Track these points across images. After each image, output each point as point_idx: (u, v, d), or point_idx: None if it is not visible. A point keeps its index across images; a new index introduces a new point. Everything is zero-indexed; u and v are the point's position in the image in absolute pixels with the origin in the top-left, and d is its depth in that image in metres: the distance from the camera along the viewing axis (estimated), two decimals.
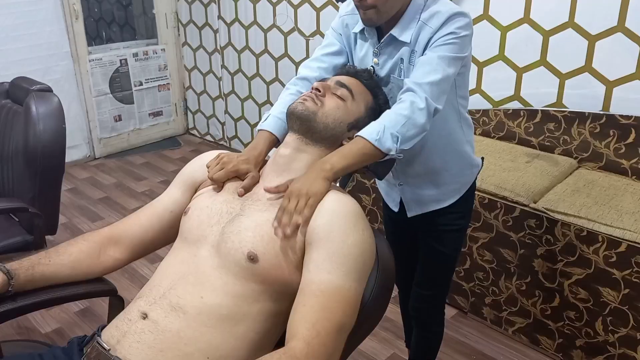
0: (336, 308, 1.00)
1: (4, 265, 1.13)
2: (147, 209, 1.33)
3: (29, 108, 1.93)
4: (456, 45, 1.28)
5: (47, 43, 3.72)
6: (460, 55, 1.30)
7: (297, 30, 3.50)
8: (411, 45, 1.33)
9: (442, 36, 1.28)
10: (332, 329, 0.98)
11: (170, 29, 4.39)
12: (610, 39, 2.22)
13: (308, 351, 0.94)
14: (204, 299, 1.07)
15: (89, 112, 4.07)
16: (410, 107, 1.24)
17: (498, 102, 2.65)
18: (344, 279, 1.03)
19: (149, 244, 1.30)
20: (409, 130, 1.23)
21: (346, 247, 1.06)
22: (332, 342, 0.98)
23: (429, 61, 1.27)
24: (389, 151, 1.21)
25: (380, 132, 1.21)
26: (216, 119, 4.43)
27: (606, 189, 2.10)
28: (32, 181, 1.95)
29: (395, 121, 1.22)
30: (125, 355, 1.03)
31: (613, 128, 2.23)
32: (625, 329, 1.89)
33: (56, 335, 2.26)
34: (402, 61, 1.36)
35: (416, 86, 1.26)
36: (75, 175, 3.88)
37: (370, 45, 1.41)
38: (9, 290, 1.12)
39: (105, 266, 1.27)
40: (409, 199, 1.58)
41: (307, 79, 1.46)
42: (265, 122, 1.39)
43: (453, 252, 1.63)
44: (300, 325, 0.98)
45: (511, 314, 2.21)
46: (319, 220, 1.08)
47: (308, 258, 1.06)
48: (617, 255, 1.85)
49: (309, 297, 1.01)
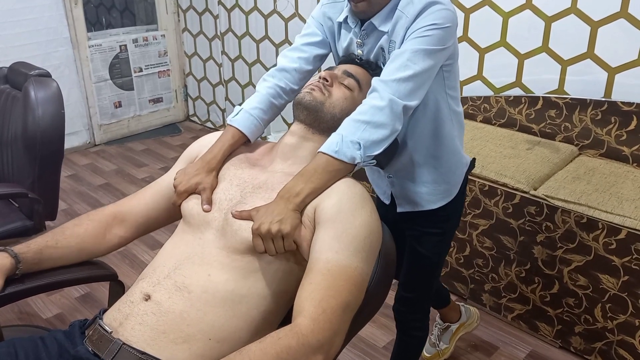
0: (342, 287, 1.01)
1: (11, 249, 1.15)
2: (152, 187, 1.34)
3: (28, 93, 1.93)
4: (434, 37, 1.21)
5: (46, 29, 3.70)
6: (440, 47, 1.23)
7: (297, 16, 3.48)
8: (389, 35, 1.29)
9: (420, 27, 1.21)
10: (338, 307, 0.99)
11: (170, 14, 4.37)
12: (613, 25, 2.21)
13: (314, 328, 0.95)
14: (211, 277, 1.08)
15: (88, 98, 4.06)
16: (368, 111, 1.18)
17: (499, 88, 2.64)
18: (351, 258, 1.04)
19: (153, 222, 1.31)
20: (372, 134, 1.17)
21: (354, 227, 1.06)
22: (338, 320, 0.99)
23: (401, 55, 1.21)
24: (353, 160, 1.14)
25: (339, 142, 1.14)
26: (217, 106, 4.41)
27: (607, 176, 2.10)
28: (32, 166, 1.95)
29: (355, 127, 1.16)
30: (127, 338, 1.03)
31: (614, 115, 2.23)
32: (624, 315, 1.89)
33: (57, 321, 2.28)
34: (383, 50, 1.32)
35: (382, 84, 1.20)
36: (75, 162, 3.88)
37: (353, 35, 1.36)
38: (16, 273, 1.15)
39: (111, 245, 1.29)
40: (398, 194, 1.53)
41: (286, 70, 1.41)
42: (235, 118, 1.34)
43: (434, 256, 1.57)
44: (306, 302, 0.99)
45: (510, 301, 2.22)
46: (327, 202, 1.09)
47: (316, 237, 1.07)
48: (616, 242, 1.85)
49: (315, 275, 1.02)
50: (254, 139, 1.36)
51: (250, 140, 1.34)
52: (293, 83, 1.42)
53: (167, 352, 1.02)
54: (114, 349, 1.02)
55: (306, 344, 0.93)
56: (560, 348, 2.12)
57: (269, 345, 0.93)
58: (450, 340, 2.07)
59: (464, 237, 2.27)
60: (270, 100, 1.39)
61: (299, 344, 0.93)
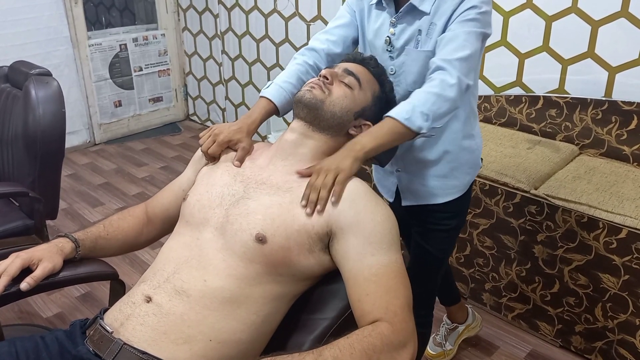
0: (396, 285, 1.04)
1: (72, 234, 1.23)
2: (168, 189, 1.37)
3: (29, 92, 1.92)
4: (482, 21, 1.28)
5: (46, 27, 3.70)
6: (485, 31, 1.30)
7: (298, 15, 3.48)
8: (430, 16, 1.32)
9: (465, 10, 1.27)
10: (404, 304, 1.03)
11: (170, 13, 4.36)
12: (614, 24, 2.21)
13: (394, 329, 0.98)
14: (207, 282, 1.07)
15: (88, 97, 4.05)
16: (440, 85, 1.24)
17: (500, 88, 2.64)
18: (388, 254, 1.06)
19: (173, 221, 1.31)
20: (441, 108, 1.23)
21: (378, 224, 1.07)
22: (409, 315, 1.03)
23: (456, 37, 1.27)
24: (419, 130, 1.22)
25: (409, 111, 1.21)
26: (217, 105, 4.41)
27: (607, 175, 2.10)
28: (32, 165, 1.95)
29: (425, 100, 1.23)
30: (128, 338, 1.03)
31: (615, 114, 2.22)
32: (624, 314, 1.89)
33: (57, 320, 2.27)
34: (420, 32, 1.34)
35: (446, 63, 1.25)
36: (75, 161, 3.88)
37: (387, 15, 1.40)
38: (75, 257, 1.22)
39: (146, 240, 1.36)
40: (405, 187, 1.55)
41: (315, 50, 1.47)
42: (267, 90, 1.39)
43: (439, 252, 1.58)
44: (376, 312, 1.01)
45: (511, 300, 2.22)
46: (340, 206, 1.09)
47: (346, 245, 1.07)
48: (617, 242, 1.85)
49: (367, 285, 1.03)
50: (283, 112, 1.41)
51: (279, 112, 1.39)
52: (321, 63, 1.48)
53: (167, 352, 1.02)
54: (115, 349, 1.02)
55: (390, 344, 0.97)
56: (561, 347, 2.12)
57: (355, 341, 0.95)
58: (455, 342, 2.08)
59: (464, 237, 2.27)
60: (299, 76, 1.44)
61: (383, 343, 0.96)
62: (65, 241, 1.22)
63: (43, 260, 1.15)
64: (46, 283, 1.17)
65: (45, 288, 1.19)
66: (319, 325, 1.11)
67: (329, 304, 1.13)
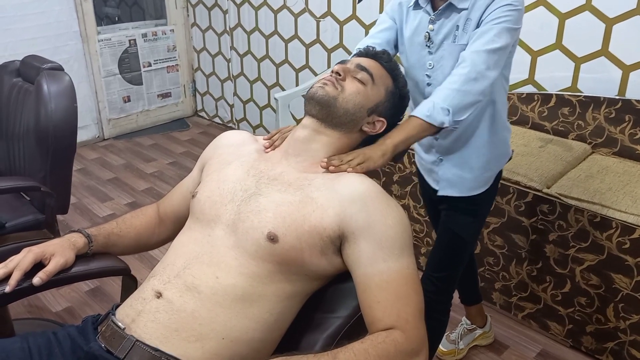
0: (407, 291, 1.03)
1: (85, 230, 1.24)
2: (177, 190, 1.38)
3: (41, 87, 1.92)
4: (513, 17, 1.35)
5: (55, 22, 3.70)
6: (516, 27, 1.37)
7: (307, 11, 3.46)
8: (468, 12, 1.39)
9: (499, 7, 1.34)
10: (416, 310, 1.03)
11: (179, 9, 4.36)
12: (628, 22, 2.18)
13: (406, 337, 0.99)
14: (219, 279, 1.06)
15: (98, 92, 4.06)
16: (459, 80, 1.32)
17: (512, 85, 2.61)
18: (400, 260, 1.05)
19: (184, 223, 1.30)
20: (462, 101, 1.31)
21: (389, 228, 1.06)
22: (421, 321, 1.03)
23: (488, 32, 1.34)
24: (442, 124, 1.30)
25: (430, 108, 1.30)
26: (225, 101, 4.41)
27: (620, 175, 2.08)
28: (43, 160, 1.94)
29: (445, 96, 1.31)
30: (140, 335, 1.03)
31: (629, 113, 2.20)
32: (637, 315, 1.88)
33: (67, 314, 2.28)
34: (458, 27, 1.42)
35: (473, 55, 1.33)
36: (84, 156, 3.89)
37: (425, 12, 1.48)
38: (87, 252, 1.23)
39: (159, 240, 1.37)
40: (442, 177, 1.62)
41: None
42: None
43: (467, 236, 1.64)
44: (387, 319, 1.01)
45: (521, 300, 2.20)
46: (350, 209, 1.06)
47: (358, 250, 1.05)
48: (630, 242, 1.83)
49: (379, 292, 1.03)
50: None
51: None
52: None
53: (180, 349, 1.01)
54: (127, 346, 1.02)
55: (403, 351, 0.98)
56: (571, 347, 2.10)
57: (370, 347, 0.95)
58: (468, 344, 2.08)
59: None
60: None
61: (397, 350, 0.97)
62: (78, 236, 1.22)
63: (55, 255, 1.15)
64: (58, 278, 1.17)
65: (58, 283, 1.19)
66: (331, 324, 1.10)
67: (342, 303, 1.12)
